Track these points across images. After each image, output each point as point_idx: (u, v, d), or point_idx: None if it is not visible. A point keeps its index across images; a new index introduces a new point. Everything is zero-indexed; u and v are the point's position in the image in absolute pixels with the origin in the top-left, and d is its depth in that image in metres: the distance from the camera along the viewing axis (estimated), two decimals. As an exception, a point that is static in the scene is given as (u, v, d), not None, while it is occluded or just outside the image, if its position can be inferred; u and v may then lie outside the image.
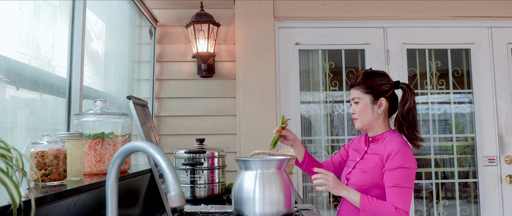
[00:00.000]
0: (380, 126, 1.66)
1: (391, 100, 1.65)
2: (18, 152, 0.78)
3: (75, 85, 1.66)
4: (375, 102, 1.63)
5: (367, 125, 1.65)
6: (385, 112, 1.65)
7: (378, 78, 1.64)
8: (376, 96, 1.62)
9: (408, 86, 1.63)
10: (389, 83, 1.64)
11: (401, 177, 1.49)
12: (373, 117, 1.63)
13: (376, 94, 1.62)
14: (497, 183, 2.87)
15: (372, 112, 1.63)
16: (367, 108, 1.63)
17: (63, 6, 1.65)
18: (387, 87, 1.63)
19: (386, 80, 1.64)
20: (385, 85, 1.63)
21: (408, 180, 1.49)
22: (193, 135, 2.76)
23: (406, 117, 1.60)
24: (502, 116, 2.92)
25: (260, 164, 1.44)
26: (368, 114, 1.63)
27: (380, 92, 1.62)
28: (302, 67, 2.97)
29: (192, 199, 2.00)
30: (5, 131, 1.31)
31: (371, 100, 1.63)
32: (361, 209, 1.48)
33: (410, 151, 1.55)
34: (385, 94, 1.62)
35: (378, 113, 1.63)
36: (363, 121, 1.65)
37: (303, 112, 2.97)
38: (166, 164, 0.85)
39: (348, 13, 2.89)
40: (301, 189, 2.86)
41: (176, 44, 2.87)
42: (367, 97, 1.63)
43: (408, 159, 1.51)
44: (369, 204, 1.47)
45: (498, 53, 2.96)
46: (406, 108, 1.59)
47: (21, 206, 0.75)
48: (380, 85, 1.62)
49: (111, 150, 1.47)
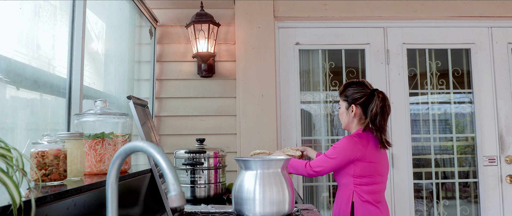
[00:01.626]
0: (355, 127, 1.98)
1: (364, 106, 1.93)
2: (18, 152, 0.78)
3: (75, 85, 1.66)
4: (348, 108, 1.96)
5: (346, 126, 2.02)
6: (359, 115, 1.94)
7: (354, 88, 1.95)
8: (349, 103, 1.96)
9: (378, 93, 1.89)
10: (362, 92, 1.93)
11: (327, 152, 1.89)
12: (348, 120, 1.98)
13: (349, 101, 1.95)
14: (497, 183, 2.87)
15: (347, 116, 1.98)
16: (343, 113, 2.00)
17: (63, 6, 1.65)
18: (358, 96, 1.93)
19: (360, 89, 1.94)
20: (357, 93, 1.93)
21: (331, 153, 1.86)
22: (193, 135, 2.76)
23: (374, 122, 1.87)
24: (502, 116, 2.92)
25: (260, 164, 1.44)
26: (344, 117, 2.00)
27: (352, 99, 1.94)
28: (302, 67, 2.97)
29: (192, 199, 2.00)
30: (5, 131, 1.31)
31: (346, 106, 1.98)
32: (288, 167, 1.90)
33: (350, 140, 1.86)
34: (356, 101, 1.93)
35: (351, 116, 1.96)
36: (342, 122, 2.03)
37: (303, 112, 2.97)
38: (166, 164, 0.85)
39: (348, 13, 2.89)
40: (301, 189, 2.87)
41: (176, 44, 2.87)
42: (344, 103, 1.99)
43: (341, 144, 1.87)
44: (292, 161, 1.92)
45: (498, 53, 2.96)
46: (373, 113, 1.86)
47: (21, 206, 0.75)
48: (352, 94, 1.95)
49: (111, 150, 1.47)
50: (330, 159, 1.86)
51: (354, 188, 1.85)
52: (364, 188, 1.85)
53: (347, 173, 1.88)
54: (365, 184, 1.86)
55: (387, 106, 1.88)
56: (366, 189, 1.85)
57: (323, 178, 2.93)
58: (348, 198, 1.86)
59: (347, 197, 1.86)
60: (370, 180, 1.86)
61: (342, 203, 1.88)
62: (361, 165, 1.85)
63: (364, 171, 1.85)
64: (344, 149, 1.85)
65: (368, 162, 1.85)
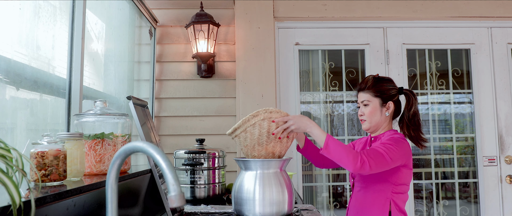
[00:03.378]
0: (385, 127, 1.79)
1: (397, 104, 1.79)
2: (18, 153, 0.78)
3: (75, 85, 1.66)
4: (384, 105, 1.76)
5: (375, 126, 1.77)
6: (391, 114, 1.78)
7: (386, 84, 1.77)
8: (384, 100, 1.76)
9: (411, 92, 1.78)
10: (395, 89, 1.78)
11: (382, 146, 1.58)
12: (381, 119, 1.76)
13: (384, 98, 1.75)
14: (497, 183, 2.87)
15: (380, 114, 1.76)
16: (376, 111, 1.75)
17: (63, 6, 1.65)
18: (394, 92, 1.77)
19: (392, 85, 1.78)
20: (392, 90, 1.77)
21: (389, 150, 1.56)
22: (193, 136, 2.76)
23: (412, 120, 1.75)
24: (502, 116, 2.92)
25: (260, 165, 1.44)
26: (377, 116, 1.75)
27: (388, 96, 1.76)
28: (302, 67, 2.97)
29: (192, 200, 2.00)
30: (5, 131, 1.31)
31: (380, 103, 1.76)
32: (324, 144, 1.52)
33: (404, 140, 1.66)
34: (392, 98, 1.76)
35: (386, 115, 1.76)
36: (371, 122, 1.76)
37: (303, 112, 2.97)
38: (166, 165, 0.85)
39: (348, 13, 2.89)
40: (301, 189, 2.86)
41: (176, 45, 2.87)
42: (376, 100, 1.75)
43: (397, 141, 1.61)
44: (334, 141, 1.51)
45: (498, 53, 2.96)
46: (412, 112, 1.74)
47: (21, 206, 0.75)
48: (388, 89, 1.76)
49: (111, 151, 1.47)
50: (390, 161, 1.57)
51: (392, 196, 1.65)
52: (400, 196, 1.67)
53: (386, 179, 1.66)
54: (402, 192, 1.68)
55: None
56: (402, 198, 1.68)
57: (323, 178, 2.93)
58: (383, 206, 1.65)
59: (382, 205, 1.65)
60: (406, 188, 1.70)
61: (373, 210, 1.67)
62: (404, 172, 1.67)
63: (404, 178, 1.67)
64: (403, 152, 1.61)
65: (409, 168, 1.69)
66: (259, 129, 1.43)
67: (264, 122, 1.43)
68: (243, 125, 1.44)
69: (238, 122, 1.45)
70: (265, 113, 1.43)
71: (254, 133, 1.44)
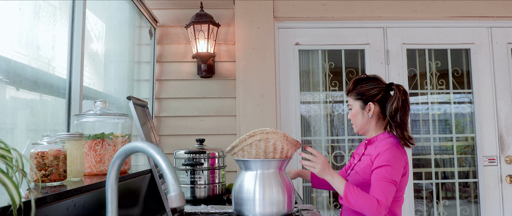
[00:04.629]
0: (373, 129, 1.71)
1: (382, 103, 1.68)
2: (18, 153, 0.78)
3: (75, 85, 1.66)
4: (364, 107, 1.69)
5: (361, 128, 1.72)
6: (378, 115, 1.69)
7: (367, 84, 1.69)
8: (365, 101, 1.68)
9: (398, 87, 1.65)
10: (378, 87, 1.68)
11: (386, 174, 1.52)
12: (364, 121, 1.70)
13: (365, 99, 1.68)
14: (497, 183, 2.87)
15: (362, 117, 1.69)
16: (358, 114, 1.70)
17: (63, 6, 1.65)
18: (375, 92, 1.67)
19: (375, 84, 1.68)
20: (373, 89, 1.67)
21: (393, 175, 1.52)
22: (193, 136, 2.76)
23: (394, 118, 1.61)
24: (502, 116, 2.92)
25: (260, 165, 1.44)
26: (359, 118, 1.70)
27: (368, 97, 1.67)
28: (302, 67, 2.97)
29: (192, 200, 2.00)
30: (5, 131, 1.31)
31: (360, 105, 1.69)
32: (344, 196, 1.50)
33: (399, 150, 1.59)
34: (373, 98, 1.67)
35: (369, 117, 1.68)
36: (356, 125, 1.73)
37: (303, 112, 2.97)
38: (166, 165, 0.85)
39: (348, 13, 2.89)
40: (301, 189, 2.87)
41: (176, 45, 2.87)
42: (357, 103, 1.70)
43: (395, 157, 1.55)
44: (352, 193, 1.49)
45: (498, 53, 2.96)
46: (393, 108, 1.61)
47: (21, 206, 0.75)
48: (367, 90, 1.67)
49: (111, 151, 1.47)
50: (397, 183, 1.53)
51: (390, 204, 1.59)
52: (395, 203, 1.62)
53: None
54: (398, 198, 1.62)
55: (408, 101, 1.64)
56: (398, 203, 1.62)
57: (323, 178, 2.92)
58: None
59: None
60: (401, 193, 1.63)
61: None
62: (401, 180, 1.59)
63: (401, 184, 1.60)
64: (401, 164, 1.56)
65: (406, 175, 1.61)
66: (256, 149, 1.46)
67: (261, 142, 1.45)
68: (240, 144, 1.47)
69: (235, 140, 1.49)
70: (261, 134, 1.45)
71: (251, 152, 1.46)
